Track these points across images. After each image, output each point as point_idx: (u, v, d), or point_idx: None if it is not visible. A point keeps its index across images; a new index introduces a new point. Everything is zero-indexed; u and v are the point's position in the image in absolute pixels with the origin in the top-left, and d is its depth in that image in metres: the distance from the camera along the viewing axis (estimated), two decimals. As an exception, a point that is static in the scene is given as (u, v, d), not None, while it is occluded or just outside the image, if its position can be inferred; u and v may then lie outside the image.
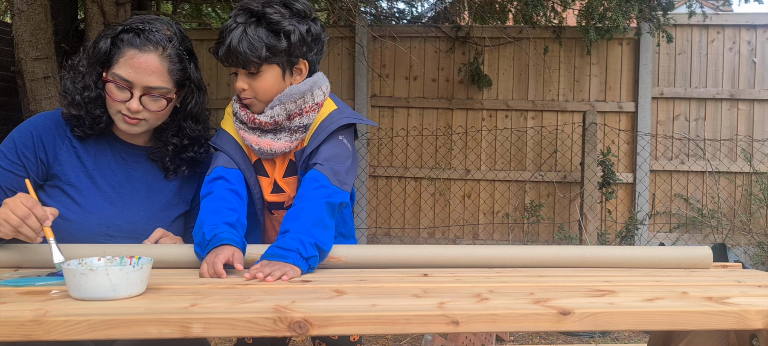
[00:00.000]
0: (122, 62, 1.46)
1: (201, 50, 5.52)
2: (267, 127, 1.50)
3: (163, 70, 1.47)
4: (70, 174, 1.52)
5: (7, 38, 5.09)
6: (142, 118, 1.49)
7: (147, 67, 1.45)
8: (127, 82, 1.45)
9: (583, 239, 4.73)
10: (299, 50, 1.48)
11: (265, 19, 1.44)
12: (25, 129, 1.53)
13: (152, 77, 1.46)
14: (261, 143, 1.50)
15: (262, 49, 1.43)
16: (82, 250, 1.35)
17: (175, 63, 1.49)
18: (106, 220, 1.51)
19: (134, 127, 1.50)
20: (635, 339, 3.64)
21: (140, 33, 1.46)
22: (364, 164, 5.32)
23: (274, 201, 1.57)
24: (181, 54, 1.50)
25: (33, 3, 3.46)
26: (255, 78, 1.47)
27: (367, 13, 5.54)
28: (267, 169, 1.56)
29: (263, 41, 1.43)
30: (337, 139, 1.50)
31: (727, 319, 1.01)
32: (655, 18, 4.63)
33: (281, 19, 1.45)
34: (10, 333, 0.89)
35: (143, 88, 1.46)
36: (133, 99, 1.46)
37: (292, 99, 1.49)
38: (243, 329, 0.93)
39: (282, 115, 1.49)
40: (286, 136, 1.50)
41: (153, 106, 1.48)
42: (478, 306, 1.00)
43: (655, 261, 1.49)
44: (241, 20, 1.44)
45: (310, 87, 1.51)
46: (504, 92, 5.31)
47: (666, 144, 5.17)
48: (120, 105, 1.47)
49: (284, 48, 1.45)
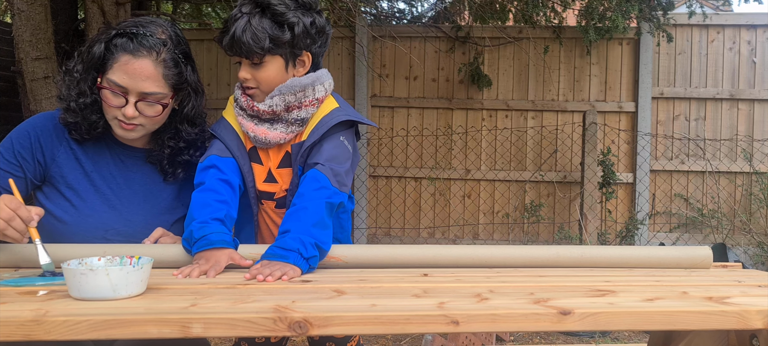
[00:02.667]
0: (116, 68, 1.44)
1: (201, 50, 5.54)
2: (265, 116, 1.50)
3: (157, 76, 1.45)
4: (68, 176, 1.51)
5: (7, 38, 5.09)
6: (138, 123, 1.47)
7: (141, 73, 1.43)
8: (121, 89, 1.43)
9: (583, 239, 4.73)
10: (303, 42, 1.48)
11: (269, 9, 1.44)
12: (23, 130, 1.52)
13: (147, 83, 1.44)
14: (257, 131, 1.51)
15: (265, 40, 1.43)
16: (82, 250, 1.35)
17: (170, 67, 1.46)
18: (104, 223, 1.50)
19: (131, 133, 1.49)
20: (635, 339, 3.64)
21: (134, 38, 1.44)
22: (364, 164, 5.32)
23: (265, 190, 1.57)
24: (176, 58, 1.48)
25: (33, 3, 3.46)
26: (258, 68, 1.47)
27: (367, 13, 5.54)
28: (262, 157, 1.56)
29: (267, 32, 1.43)
30: (339, 139, 1.50)
31: (727, 319, 1.01)
32: (655, 18, 4.63)
33: (286, 10, 1.45)
34: (10, 333, 0.89)
35: (138, 94, 1.44)
36: (128, 105, 1.44)
37: (292, 91, 1.49)
38: (243, 329, 0.93)
39: (280, 106, 1.49)
40: (282, 128, 1.51)
41: (149, 112, 1.47)
42: (478, 306, 1.00)
43: (655, 261, 1.49)
44: (246, 10, 1.45)
45: (313, 82, 1.51)
46: (504, 92, 5.31)
47: (666, 144, 5.17)
48: (116, 111, 1.45)
49: (288, 40, 1.46)
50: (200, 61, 5.53)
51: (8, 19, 6.02)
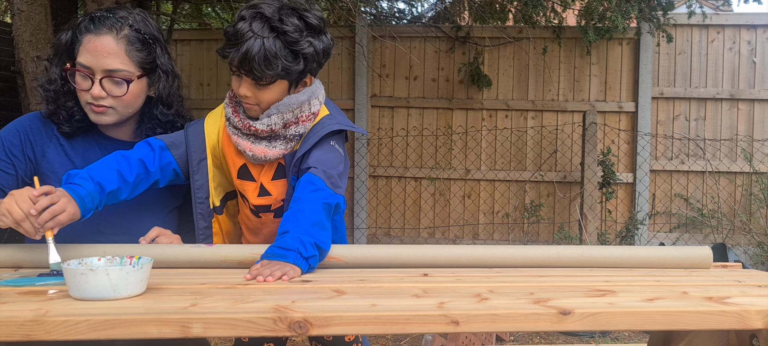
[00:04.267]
0: (82, 50, 1.48)
1: (201, 50, 5.54)
2: (262, 134, 1.50)
3: (120, 52, 1.48)
4: (59, 171, 1.52)
5: (7, 38, 5.09)
6: (107, 105, 1.49)
7: (103, 49, 1.46)
8: (87, 69, 1.47)
9: (583, 239, 4.73)
10: (310, 67, 1.49)
11: (284, 36, 1.41)
12: (13, 128, 1.54)
13: (109, 59, 1.46)
14: (255, 150, 1.50)
15: (278, 67, 1.41)
16: (82, 250, 1.35)
17: (134, 44, 1.49)
18: (96, 216, 1.49)
19: (103, 117, 1.51)
20: (635, 339, 3.64)
21: (95, 19, 1.48)
22: (364, 164, 5.32)
23: (261, 204, 1.56)
24: (141, 37, 1.51)
25: (33, 3, 3.46)
26: (262, 89, 1.46)
27: (367, 13, 5.54)
28: (253, 173, 1.55)
29: (280, 59, 1.41)
30: (329, 144, 1.50)
31: (727, 319, 1.01)
32: (655, 18, 4.63)
33: (300, 38, 1.42)
34: (10, 333, 0.89)
35: (103, 71, 1.47)
36: (95, 85, 1.47)
37: (290, 109, 1.49)
38: (243, 329, 0.93)
39: (278, 124, 1.49)
40: (281, 145, 1.51)
41: (116, 91, 1.49)
42: (478, 306, 1.00)
43: (655, 261, 1.49)
44: (259, 31, 1.40)
45: (309, 97, 1.51)
46: (504, 92, 5.31)
47: (666, 144, 5.17)
48: (86, 94, 1.49)
49: (300, 69, 1.46)
50: (200, 61, 5.53)
51: (8, 19, 6.02)
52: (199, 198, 1.57)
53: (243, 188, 1.57)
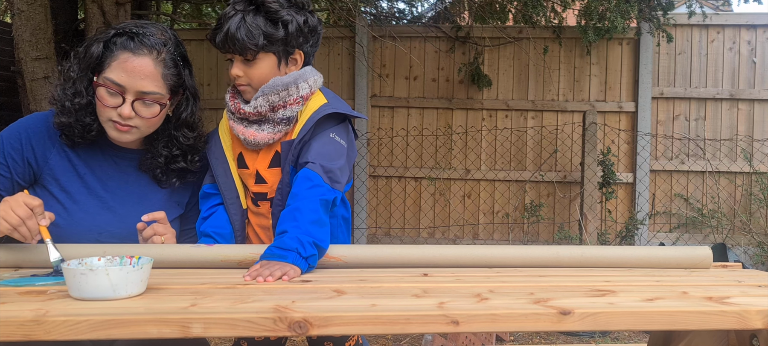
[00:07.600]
0: (115, 66, 1.41)
1: (201, 50, 5.53)
2: (251, 117, 1.52)
3: (157, 75, 1.43)
4: (61, 178, 1.49)
5: (7, 38, 5.09)
6: (133, 125, 1.45)
7: (141, 71, 1.41)
8: (119, 87, 1.41)
9: (583, 239, 4.73)
10: (296, 40, 1.51)
11: (263, 7, 1.47)
12: (15, 129, 1.49)
13: (146, 82, 1.42)
14: (246, 134, 1.52)
15: (259, 36, 1.45)
16: (82, 250, 1.35)
17: (169, 68, 1.45)
18: (97, 225, 1.48)
19: (125, 136, 1.46)
20: (635, 339, 3.64)
21: (134, 36, 1.43)
22: (364, 164, 5.32)
23: (258, 192, 1.57)
24: (175, 59, 1.47)
25: (33, 3, 3.46)
26: (251, 65, 1.49)
27: (367, 13, 5.54)
28: (247, 161, 1.56)
29: (261, 29, 1.45)
30: (328, 136, 1.50)
31: (727, 319, 1.01)
32: (655, 18, 4.63)
33: (279, 8, 1.48)
34: (10, 333, 0.89)
35: (136, 93, 1.42)
36: (125, 104, 1.42)
37: (275, 90, 1.49)
38: (243, 329, 0.93)
39: (265, 107, 1.50)
40: (269, 128, 1.51)
41: (145, 113, 1.44)
42: (478, 306, 1.00)
43: (655, 261, 1.49)
44: (240, 8, 1.47)
45: (295, 80, 1.51)
46: (504, 92, 5.31)
47: (666, 144, 5.17)
48: (111, 111, 1.43)
49: (281, 37, 1.48)
50: (200, 61, 5.53)
51: (8, 19, 6.02)
52: (229, 198, 1.58)
53: (244, 176, 1.59)
